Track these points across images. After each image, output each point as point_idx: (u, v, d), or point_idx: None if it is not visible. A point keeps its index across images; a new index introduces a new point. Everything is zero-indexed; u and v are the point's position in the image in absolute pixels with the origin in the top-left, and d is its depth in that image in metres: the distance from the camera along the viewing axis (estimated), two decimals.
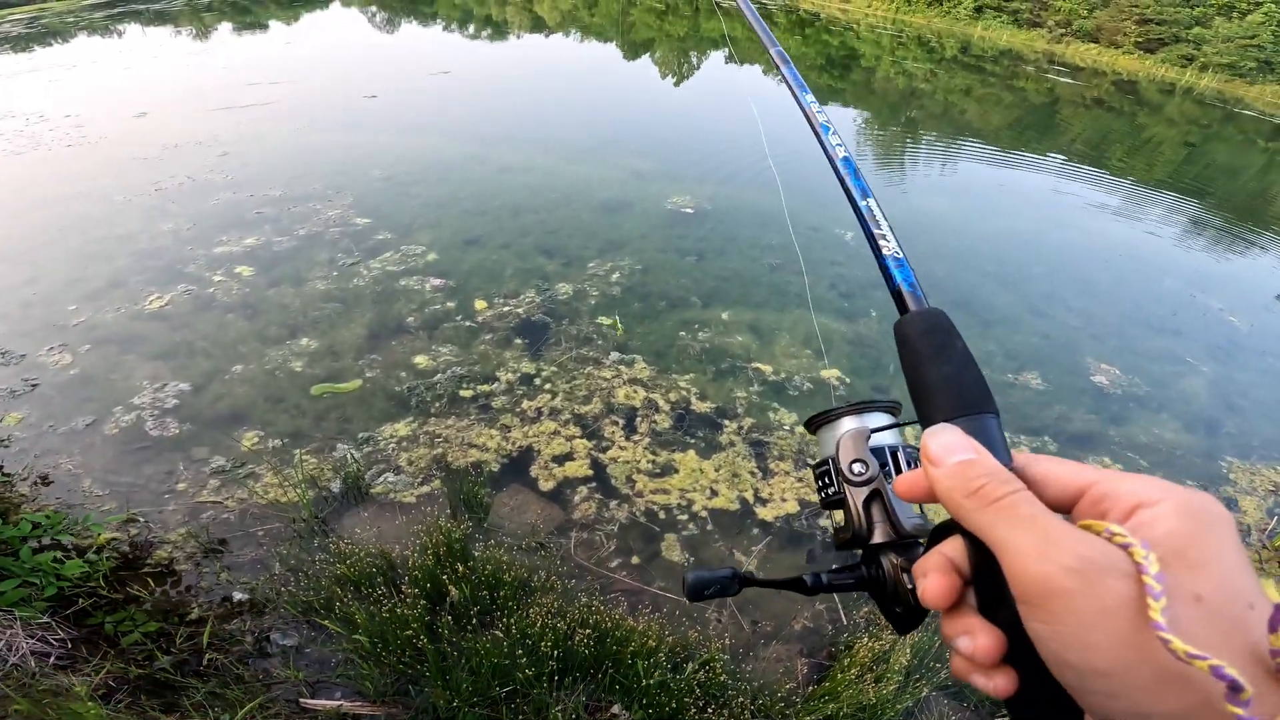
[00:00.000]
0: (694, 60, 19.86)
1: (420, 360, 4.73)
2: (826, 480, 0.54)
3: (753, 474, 3.99)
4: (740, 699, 2.68)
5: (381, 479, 3.81)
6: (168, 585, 3.10)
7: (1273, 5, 26.88)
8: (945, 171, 11.09)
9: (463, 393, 4.45)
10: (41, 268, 5.80)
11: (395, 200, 7.32)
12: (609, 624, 2.85)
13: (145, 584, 3.02)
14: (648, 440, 4.17)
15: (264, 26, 20.15)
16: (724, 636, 3.08)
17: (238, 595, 3.09)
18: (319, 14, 23.46)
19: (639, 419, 4.33)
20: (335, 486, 3.71)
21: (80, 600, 2.79)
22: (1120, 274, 7.38)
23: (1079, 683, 0.32)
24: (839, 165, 0.68)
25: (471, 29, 22.49)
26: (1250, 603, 0.31)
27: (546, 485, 3.84)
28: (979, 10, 33.35)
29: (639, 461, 4.02)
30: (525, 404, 4.39)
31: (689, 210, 7.54)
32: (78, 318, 5.08)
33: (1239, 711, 0.27)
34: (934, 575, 0.39)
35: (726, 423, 4.36)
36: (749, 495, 3.86)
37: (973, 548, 0.38)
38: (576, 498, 3.77)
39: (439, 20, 23.98)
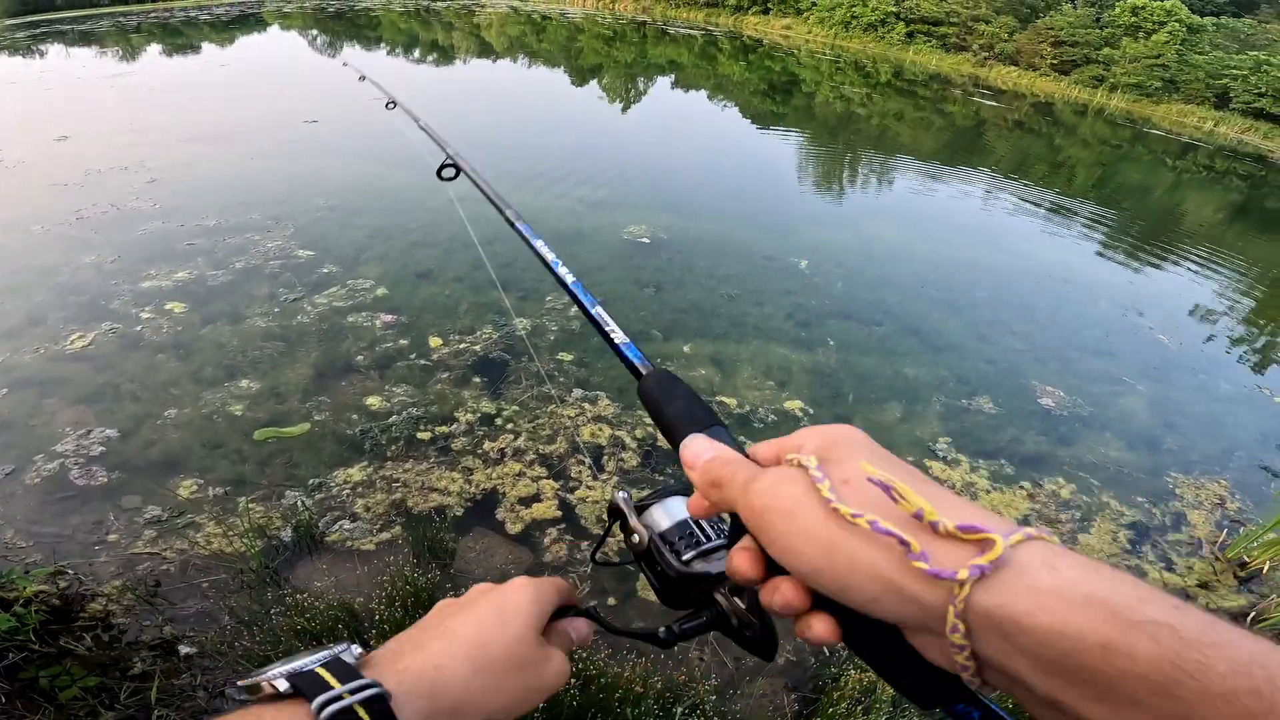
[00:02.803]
0: (641, 86, 20.12)
1: (373, 401, 4.54)
2: (654, 558, 0.59)
3: None
4: None
5: (337, 526, 3.63)
6: (105, 639, 2.91)
7: (1175, 25, 29.01)
8: (886, 196, 11.50)
9: (420, 435, 4.29)
10: None
11: (340, 231, 7.08)
12: (593, 670, 2.77)
13: (80, 638, 2.84)
14: (616, 479, 4.09)
15: (195, 49, 19.47)
16: (710, 677, 3.01)
17: (185, 649, 2.90)
18: (255, 36, 22.85)
19: (606, 457, 4.25)
20: (286, 535, 3.52)
21: (10, 654, 2.60)
22: (1057, 297, 7.72)
23: (817, 584, 0.38)
24: (570, 287, 0.82)
25: (417, 53, 22.24)
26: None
27: (514, 528, 3.71)
28: (910, 36, 35.08)
29: (608, 500, 3.92)
30: (487, 445, 4.25)
31: (645, 240, 7.54)
32: None
33: (922, 566, 0.32)
34: (738, 554, 0.45)
35: None
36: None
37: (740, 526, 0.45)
38: (546, 539, 3.66)
39: (383, 44, 23.65)
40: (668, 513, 0.60)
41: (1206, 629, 0.28)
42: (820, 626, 0.41)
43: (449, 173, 1.31)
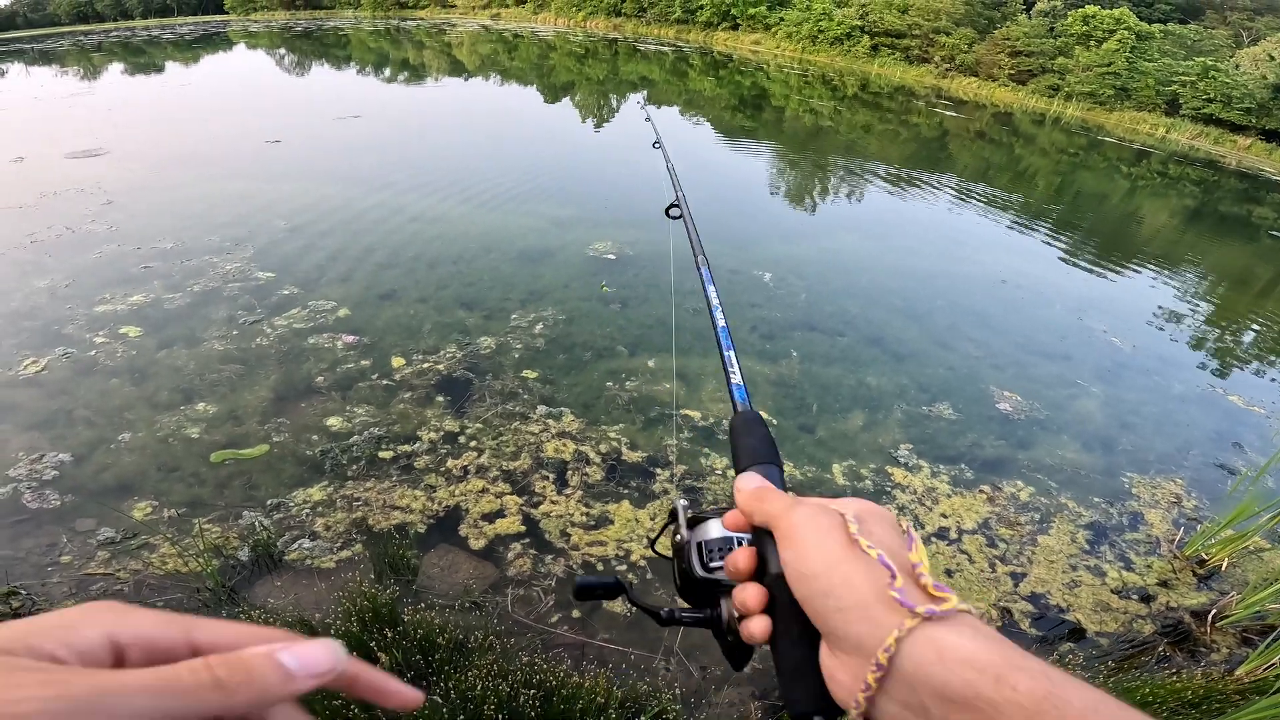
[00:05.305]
0: (614, 102, 20.27)
1: (333, 422, 4.49)
2: (684, 556, 0.70)
3: None
4: None
5: (296, 545, 3.58)
6: None
7: (1124, 32, 29.95)
8: (848, 208, 11.69)
9: (382, 454, 4.25)
10: None
11: (301, 253, 7.02)
12: (554, 682, 2.75)
13: None
14: (580, 493, 4.08)
15: (159, 68, 19.27)
16: (674, 686, 3.00)
17: None
18: (221, 55, 22.67)
19: (570, 472, 4.24)
20: (244, 555, 3.48)
21: None
22: (1011, 303, 7.88)
23: (805, 588, 0.47)
24: (719, 331, 0.91)
25: (387, 72, 22.18)
26: (905, 546, 0.48)
27: (477, 544, 3.69)
28: (875, 49, 35.89)
29: (573, 515, 3.92)
30: (450, 463, 4.22)
31: (611, 257, 7.58)
32: None
33: (894, 594, 0.43)
34: (741, 554, 0.56)
35: (659, 471, 4.32)
36: None
37: (760, 537, 0.56)
38: (510, 554, 3.64)
39: (352, 64, 23.55)
40: (719, 527, 0.69)
41: (1068, 680, 0.38)
42: (758, 626, 0.53)
43: (675, 212, 1.49)
